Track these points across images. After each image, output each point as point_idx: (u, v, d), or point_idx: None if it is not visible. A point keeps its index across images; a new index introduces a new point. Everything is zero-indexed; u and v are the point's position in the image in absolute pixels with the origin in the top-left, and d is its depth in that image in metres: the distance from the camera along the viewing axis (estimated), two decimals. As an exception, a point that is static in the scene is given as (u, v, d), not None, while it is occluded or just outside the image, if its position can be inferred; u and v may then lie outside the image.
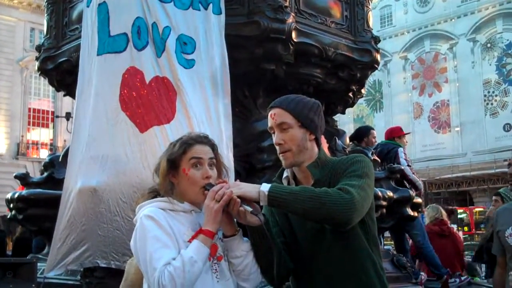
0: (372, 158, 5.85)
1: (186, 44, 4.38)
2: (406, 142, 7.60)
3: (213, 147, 2.46)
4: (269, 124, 2.47)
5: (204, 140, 2.47)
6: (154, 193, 2.45)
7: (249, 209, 2.19)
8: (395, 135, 7.47)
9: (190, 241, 2.25)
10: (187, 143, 2.43)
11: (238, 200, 2.18)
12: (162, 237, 2.22)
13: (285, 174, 2.51)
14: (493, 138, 38.14)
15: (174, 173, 2.39)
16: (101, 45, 4.48)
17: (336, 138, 5.58)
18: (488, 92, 39.50)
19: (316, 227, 2.34)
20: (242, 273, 2.32)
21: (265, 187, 2.19)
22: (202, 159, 2.38)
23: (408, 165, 7.00)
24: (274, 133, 2.45)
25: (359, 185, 2.24)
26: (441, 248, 7.69)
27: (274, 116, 2.45)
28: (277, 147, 2.44)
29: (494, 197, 7.78)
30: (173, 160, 2.40)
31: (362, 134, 7.17)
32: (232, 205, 2.20)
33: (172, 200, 2.37)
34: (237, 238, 2.31)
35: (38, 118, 37.47)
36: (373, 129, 7.35)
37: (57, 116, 33.72)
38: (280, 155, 2.44)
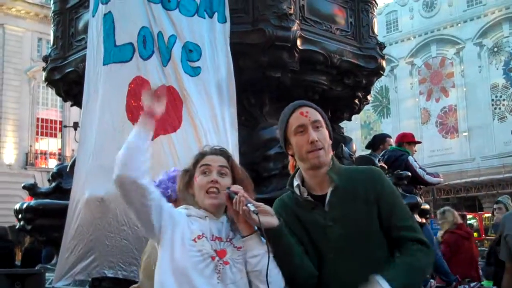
0: (379, 165, 5.83)
1: (191, 52, 4.38)
2: (415, 150, 7.56)
3: (228, 158, 2.50)
4: (300, 122, 2.38)
5: (217, 151, 2.53)
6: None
7: (252, 208, 2.23)
8: (405, 140, 7.43)
9: (194, 240, 2.35)
10: (201, 153, 2.52)
11: (243, 198, 2.25)
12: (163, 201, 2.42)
13: (296, 182, 2.45)
14: (502, 142, 37.91)
15: (190, 184, 2.49)
16: (107, 55, 4.50)
17: (343, 145, 5.58)
18: (496, 96, 39.31)
19: (342, 237, 2.32)
20: (261, 275, 2.32)
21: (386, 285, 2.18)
22: (211, 166, 2.43)
23: (421, 169, 7.00)
24: (302, 131, 2.38)
25: (412, 218, 2.47)
26: (469, 251, 7.69)
27: (307, 114, 2.40)
28: (308, 146, 2.35)
29: (496, 206, 7.89)
30: (188, 171, 2.50)
31: (378, 141, 7.21)
32: (237, 203, 2.25)
33: (192, 207, 2.47)
34: (254, 238, 2.34)
35: (46, 128, 37.58)
36: (389, 136, 7.37)
37: (65, 126, 33.87)
38: (312, 153, 2.35)
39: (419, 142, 7.63)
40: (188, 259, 2.33)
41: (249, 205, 2.24)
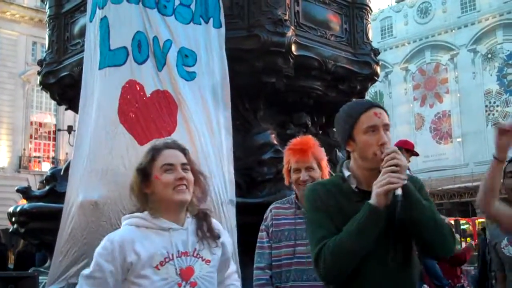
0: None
1: (187, 57, 4.40)
2: (410, 161, 7.51)
3: (184, 151, 2.44)
4: (373, 122, 2.31)
5: (172, 145, 2.45)
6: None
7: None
8: (406, 147, 7.33)
9: (157, 268, 2.23)
10: (155, 149, 2.41)
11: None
12: (104, 269, 2.24)
13: (347, 173, 2.38)
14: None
15: (147, 183, 2.37)
16: (102, 59, 4.51)
17: (337, 150, 5.60)
18: (490, 102, 39.50)
19: (381, 235, 2.27)
20: None
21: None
22: (174, 165, 2.36)
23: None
24: (373, 131, 2.31)
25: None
26: (452, 258, 7.75)
27: (380, 115, 2.34)
28: (376, 147, 2.30)
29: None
30: (144, 169, 2.38)
31: None
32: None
33: (149, 217, 2.34)
34: None
35: (40, 132, 37.52)
36: None
37: (59, 130, 33.80)
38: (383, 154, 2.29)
39: (417, 154, 7.61)
40: None
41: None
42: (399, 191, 2.18)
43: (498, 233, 3.83)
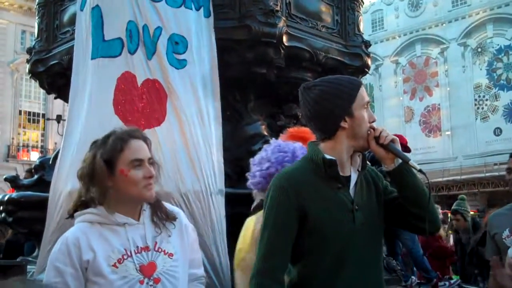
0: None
1: (177, 44, 4.36)
2: None
3: (147, 142, 2.35)
4: (368, 99, 2.34)
5: (137, 134, 2.35)
6: (85, 201, 2.31)
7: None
8: (401, 141, 7.33)
9: (115, 266, 2.14)
10: (121, 139, 2.29)
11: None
12: (64, 273, 2.16)
13: (329, 157, 2.27)
14: (484, 142, 38.33)
15: (110, 176, 2.25)
16: (94, 49, 4.47)
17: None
18: (479, 96, 39.72)
19: (364, 225, 2.28)
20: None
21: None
22: (143, 160, 2.26)
23: None
24: (366, 107, 2.33)
25: None
26: (438, 250, 7.85)
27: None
28: (371, 124, 2.32)
29: (453, 216, 8.65)
30: (109, 160, 2.25)
31: None
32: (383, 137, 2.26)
33: (104, 212, 2.24)
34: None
35: (28, 121, 37.34)
36: None
37: (48, 119, 33.66)
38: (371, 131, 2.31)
39: (409, 151, 7.64)
40: None
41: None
42: (414, 164, 2.28)
43: (500, 223, 3.84)
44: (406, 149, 7.31)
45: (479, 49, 39.89)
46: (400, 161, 2.28)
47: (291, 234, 2.22)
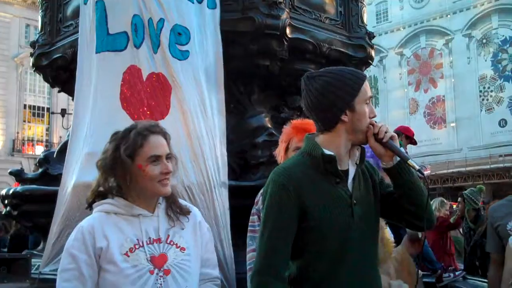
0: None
1: (180, 35, 4.35)
2: (406, 148, 7.47)
3: (166, 136, 2.40)
4: (370, 93, 2.31)
5: (157, 129, 2.40)
6: (103, 192, 2.37)
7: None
8: (406, 133, 7.25)
9: (127, 254, 2.19)
10: (141, 134, 2.33)
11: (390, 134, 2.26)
12: (78, 260, 2.21)
13: (328, 152, 2.25)
14: (489, 133, 38.24)
15: (133, 170, 2.30)
16: (99, 43, 4.46)
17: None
18: (484, 87, 39.58)
19: (362, 219, 2.28)
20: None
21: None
22: (161, 156, 2.31)
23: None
24: (368, 103, 2.30)
25: None
26: (436, 242, 7.84)
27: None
28: (371, 120, 2.30)
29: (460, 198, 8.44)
30: (131, 155, 2.30)
31: None
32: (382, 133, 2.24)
33: (121, 203, 2.30)
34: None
35: (33, 115, 37.42)
36: None
37: (53, 113, 33.74)
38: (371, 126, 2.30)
39: (415, 143, 7.58)
40: (124, 279, 2.16)
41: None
42: (414, 163, 2.24)
43: (503, 214, 3.82)
44: (412, 141, 7.28)
45: (484, 40, 39.73)
46: (399, 158, 2.26)
47: (292, 232, 2.22)
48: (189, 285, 2.26)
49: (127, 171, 2.29)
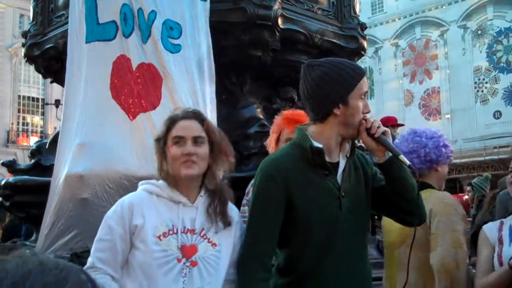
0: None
1: (172, 29, 4.37)
2: (398, 133, 7.64)
3: (202, 122, 2.36)
4: (366, 89, 2.30)
5: (190, 114, 2.38)
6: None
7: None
8: (390, 123, 7.45)
9: (159, 238, 2.20)
10: (171, 119, 2.36)
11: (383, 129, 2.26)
12: (114, 232, 2.25)
13: (317, 144, 2.26)
14: (483, 125, 38.30)
15: (166, 154, 2.32)
16: (89, 33, 4.46)
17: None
18: (479, 79, 39.59)
19: (350, 212, 2.28)
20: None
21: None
22: (184, 138, 2.29)
23: None
24: (362, 98, 2.28)
25: None
26: None
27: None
28: (364, 115, 2.28)
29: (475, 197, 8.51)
30: (160, 140, 2.35)
31: None
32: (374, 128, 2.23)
33: (164, 186, 2.32)
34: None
35: (28, 106, 37.30)
36: None
37: (47, 104, 33.63)
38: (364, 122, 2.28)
39: (402, 125, 7.66)
40: (152, 260, 2.19)
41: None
42: (404, 158, 2.24)
43: None
44: (398, 125, 7.42)
45: (479, 32, 39.70)
46: (391, 154, 2.26)
47: (278, 221, 2.25)
48: (213, 281, 2.25)
49: (163, 153, 2.33)
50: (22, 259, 0.67)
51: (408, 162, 2.24)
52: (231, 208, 2.42)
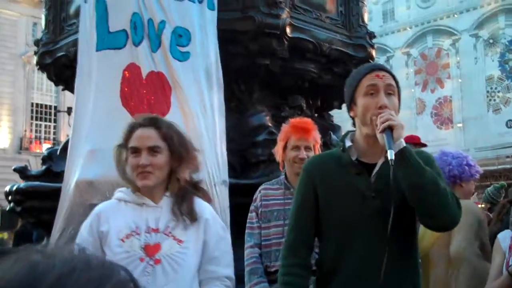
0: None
1: (181, 37, 4.40)
2: None
3: (160, 129, 2.37)
4: (372, 82, 2.24)
5: (147, 122, 2.40)
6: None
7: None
8: (411, 141, 7.20)
9: (122, 240, 2.26)
10: (130, 128, 2.41)
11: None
12: (85, 241, 2.30)
13: (348, 143, 2.30)
14: (496, 134, 38.02)
15: (126, 159, 2.40)
16: (100, 41, 4.52)
17: (331, 133, 5.63)
18: (491, 88, 39.35)
19: (378, 211, 2.21)
20: None
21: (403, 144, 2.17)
22: (139, 149, 2.33)
23: None
24: (372, 94, 2.23)
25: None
26: None
27: (383, 77, 2.26)
28: (375, 110, 2.22)
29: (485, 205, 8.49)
30: (121, 147, 2.42)
31: None
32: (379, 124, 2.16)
33: (129, 191, 2.39)
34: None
35: (40, 113, 37.51)
36: None
37: (59, 111, 33.81)
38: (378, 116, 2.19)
39: (425, 145, 7.58)
40: (116, 262, 2.22)
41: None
42: (391, 155, 2.10)
43: None
44: (422, 145, 7.35)
45: (491, 41, 39.50)
46: (399, 150, 2.15)
47: (312, 211, 2.34)
48: (179, 278, 2.25)
49: (125, 161, 2.39)
50: (70, 255, 0.71)
51: (389, 157, 2.10)
52: (200, 205, 2.44)
